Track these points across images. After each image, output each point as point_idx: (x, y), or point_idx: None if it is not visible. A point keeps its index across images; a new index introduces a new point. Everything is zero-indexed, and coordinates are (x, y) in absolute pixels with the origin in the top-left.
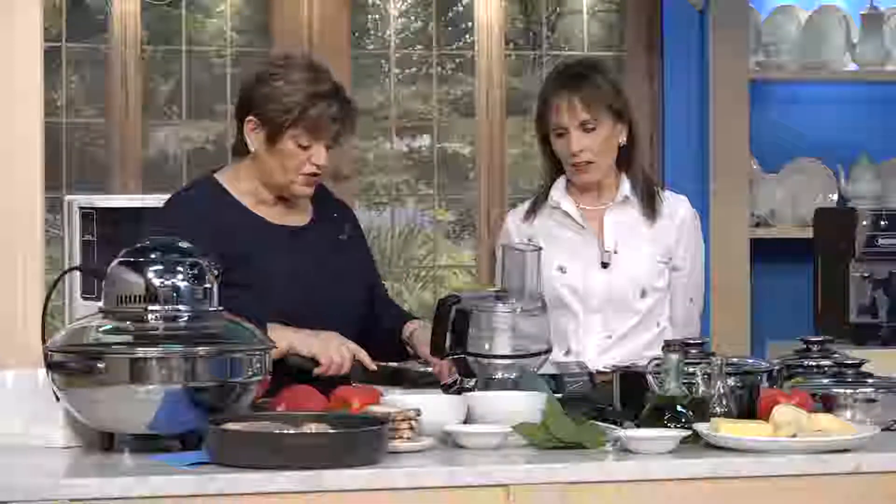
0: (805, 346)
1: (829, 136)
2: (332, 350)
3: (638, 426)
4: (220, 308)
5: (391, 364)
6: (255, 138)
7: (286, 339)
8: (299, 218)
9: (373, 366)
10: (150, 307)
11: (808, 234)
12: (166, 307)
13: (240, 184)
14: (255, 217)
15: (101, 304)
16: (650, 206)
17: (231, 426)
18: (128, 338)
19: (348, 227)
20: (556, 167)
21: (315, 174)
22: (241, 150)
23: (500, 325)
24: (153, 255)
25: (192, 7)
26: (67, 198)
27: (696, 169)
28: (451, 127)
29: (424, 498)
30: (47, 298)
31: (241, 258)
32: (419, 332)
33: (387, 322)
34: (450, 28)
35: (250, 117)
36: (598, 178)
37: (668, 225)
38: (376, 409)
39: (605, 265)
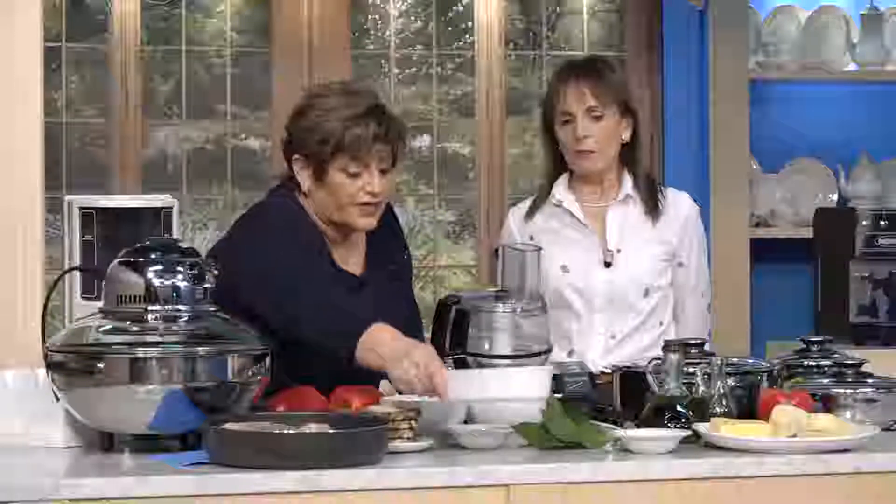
0: (805, 346)
1: (829, 136)
2: (412, 378)
3: (638, 426)
4: (220, 308)
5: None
6: (305, 177)
7: (378, 360)
8: (356, 261)
9: (445, 398)
10: (149, 307)
11: (808, 234)
12: (166, 307)
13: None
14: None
15: (101, 304)
16: (652, 204)
17: (231, 426)
18: (128, 338)
19: (397, 257)
20: (557, 164)
21: (371, 203)
22: (297, 187)
23: (500, 325)
24: (153, 255)
25: (192, 7)
26: (67, 198)
27: (696, 169)
28: (451, 127)
29: (424, 498)
30: (47, 298)
31: None
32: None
33: None
34: (450, 28)
35: (297, 156)
36: (600, 168)
37: (671, 223)
38: (376, 409)
39: (607, 264)
